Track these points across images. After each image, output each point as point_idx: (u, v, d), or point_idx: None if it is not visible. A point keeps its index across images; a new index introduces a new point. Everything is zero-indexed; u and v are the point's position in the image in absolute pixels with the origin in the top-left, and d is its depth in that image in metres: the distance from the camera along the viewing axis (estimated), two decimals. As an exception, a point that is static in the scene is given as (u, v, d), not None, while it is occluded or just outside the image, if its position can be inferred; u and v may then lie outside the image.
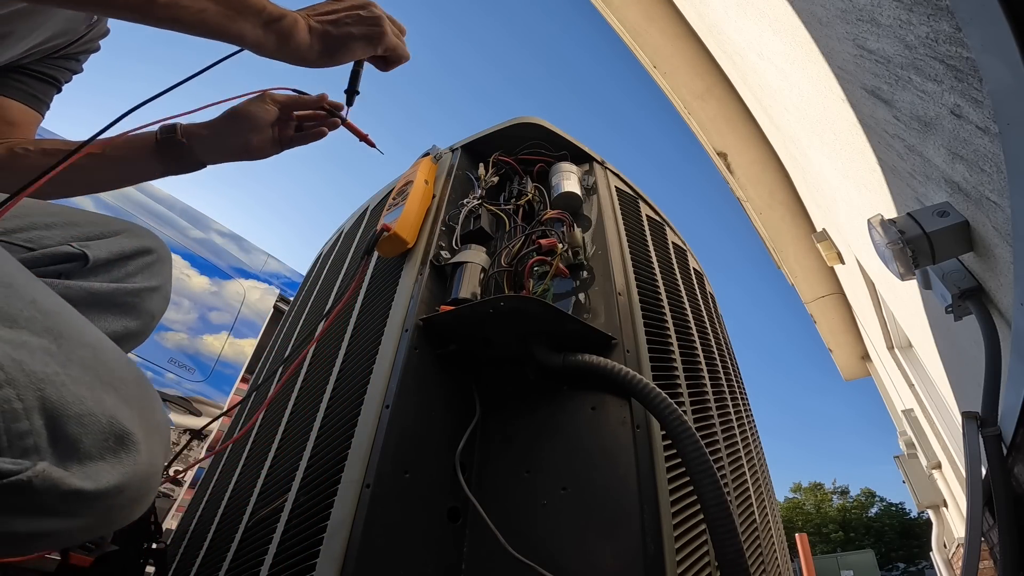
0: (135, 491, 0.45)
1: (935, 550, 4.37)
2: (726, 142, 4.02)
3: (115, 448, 0.43)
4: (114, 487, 0.42)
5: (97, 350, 0.47)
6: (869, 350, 4.97)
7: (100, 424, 0.43)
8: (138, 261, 0.84)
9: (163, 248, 0.89)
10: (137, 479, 0.45)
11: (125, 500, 0.44)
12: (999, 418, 1.00)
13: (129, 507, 0.46)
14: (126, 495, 0.44)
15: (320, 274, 1.38)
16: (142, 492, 0.46)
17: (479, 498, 0.67)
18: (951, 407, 2.66)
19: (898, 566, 28.34)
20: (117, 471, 0.43)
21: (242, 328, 3.38)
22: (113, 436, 0.43)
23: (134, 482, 0.44)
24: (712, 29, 3.16)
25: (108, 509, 0.43)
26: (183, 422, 2.84)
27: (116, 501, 0.43)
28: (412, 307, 0.82)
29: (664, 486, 0.67)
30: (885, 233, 1.06)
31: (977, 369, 1.08)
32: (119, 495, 0.43)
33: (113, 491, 0.42)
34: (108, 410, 0.44)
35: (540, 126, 1.24)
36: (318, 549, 0.60)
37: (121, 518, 0.46)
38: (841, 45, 1.29)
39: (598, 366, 0.73)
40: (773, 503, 1.31)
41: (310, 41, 0.71)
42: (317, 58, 0.72)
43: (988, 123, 0.77)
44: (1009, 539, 0.89)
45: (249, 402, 1.27)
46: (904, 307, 2.38)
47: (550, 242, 0.90)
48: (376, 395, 0.72)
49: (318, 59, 0.73)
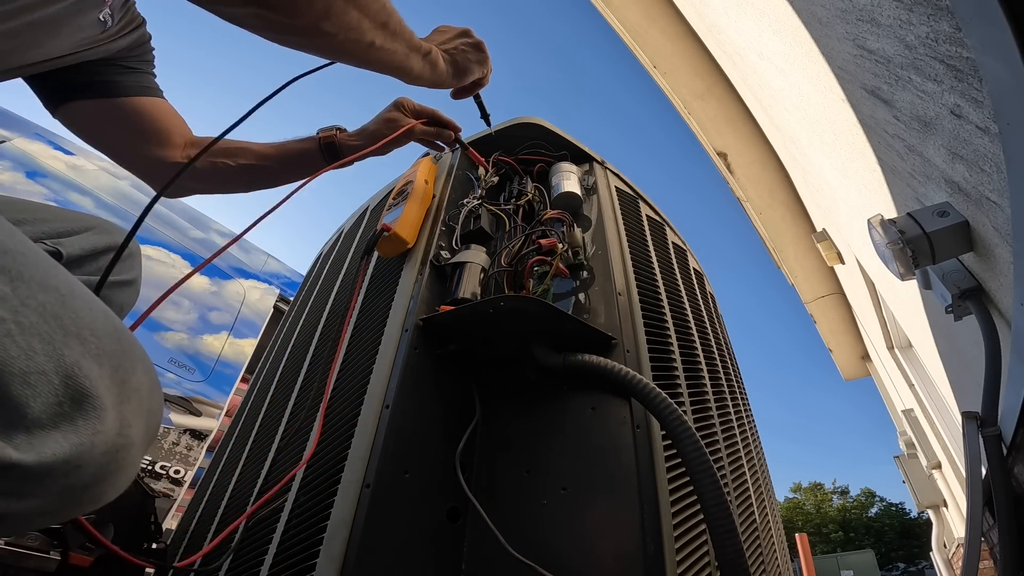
0: (98, 467, 0.38)
1: (935, 550, 4.37)
2: (726, 142, 4.02)
3: (70, 413, 0.36)
4: (63, 461, 0.35)
5: (66, 296, 0.40)
6: (869, 350, 4.97)
7: (52, 385, 0.36)
8: (110, 256, 0.85)
9: (133, 243, 0.90)
10: (99, 452, 0.37)
11: (87, 477, 0.37)
12: (999, 418, 1.00)
13: (95, 486, 0.39)
14: (86, 471, 0.37)
15: (320, 274, 1.38)
16: (109, 469, 0.39)
17: (479, 498, 0.67)
18: (951, 407, 2.66)
19: (898, 566, 28.35)
20: (69, 441, 0.35)
21: (242, 328, 3.37)
22: (69, 399, 0.36)
23: (94, 455, 0.37)
24: (712, 29, 3.16)
25: (66, 489, 0.36)
26: (183, 422, 2.84)
27: (74, 479, 0.36)
28: (412, 307, 0.82)
29: (664, 486, 0.67)
30: (885, 233, 1.06)
31: (977, 369, 1.08)
32: (75, 471, 0.36)
33: (62, 466, 0.35)
34: (66, 367, 0.37)
35: (540, 126, 1.24)
36: (318, 549, 0.60)
37: (88, 499, 0.39)
38: (841, 45, 1.29)
39: (598, 366, 0.73)
40: (773, 503, 1.31)
41: (446, 68, 0.84)
42: (450, 81, 0.87)
43: (988, 123, 0.77)
44: (1009, 539, 0.89)
45: (248, 402, 1.27)
46: (904, 307, 2.38)
47: (550, 242, 0.90)
48: (376, 395, 0.72)
49: (450, 82, 0.87)
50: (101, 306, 0.43)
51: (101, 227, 0.87)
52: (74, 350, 0.38)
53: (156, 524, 0.95)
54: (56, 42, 0.70)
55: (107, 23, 0.77)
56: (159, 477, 2.67)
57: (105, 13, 0.75)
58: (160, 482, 2.67)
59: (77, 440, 0.36)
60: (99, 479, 0.38)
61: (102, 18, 0.75)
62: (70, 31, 0.71)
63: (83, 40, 0.75)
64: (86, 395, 0.37)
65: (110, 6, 0.75)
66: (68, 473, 0.36)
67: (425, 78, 0.80)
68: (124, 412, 0.40)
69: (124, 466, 0.40)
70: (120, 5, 0.79)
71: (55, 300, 0.39)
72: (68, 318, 0.39)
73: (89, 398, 0.37)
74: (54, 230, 0.80)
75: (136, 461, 0.42)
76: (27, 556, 0.75)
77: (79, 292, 0.42)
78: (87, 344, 0.39)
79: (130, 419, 0.41)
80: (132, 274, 0.90)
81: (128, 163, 0.95)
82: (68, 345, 0.38)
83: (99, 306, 0.43)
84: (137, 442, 0.42)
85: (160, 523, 0.96)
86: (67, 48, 0.73)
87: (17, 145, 2.68)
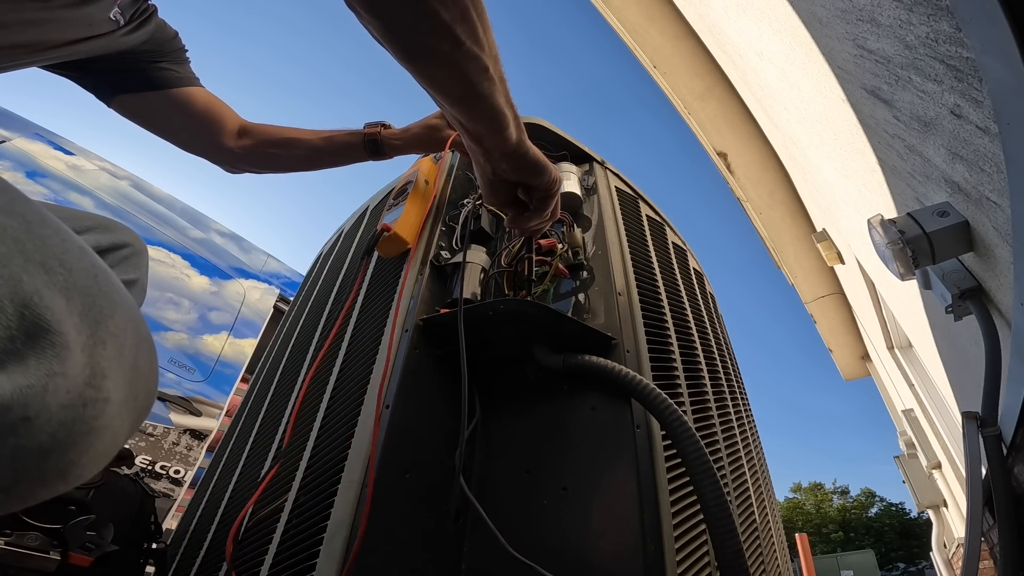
0: (58, 423, 0.29)
1: (935, 550, 4.37)
2: (726, 142, 4.02)
3: (20, 350, 0.29)
4: (2, 406, 0.27)
5: (33, 223, 0.34)
6: (869, 350, 4.97)
7: (4, 313, 0.29)
8: (115, 255, 0.86)
9: (139, 242, 0.93)
10: (56, 401, 0.29)
11: (43, 437, 0.29)
12: (999, 418, 1.00)
13: (59, 452, 0.30)
14: (40, 427, 0.28)
15: (320, 274, 1.38)
16: (75, 429, 0.30)
17: (479, 498, 0.67)
18: (951, 407, 2.66)
19: (898, 566, 28.36)
20: (12, 383, 0.28)
21: (242, 328, 3.37)
22: (23, 332, 0.29)
23: (49, 405, 0.29)
24: (712, 29, 3.16)
25: (18, 451, 0.28)
26: (183, 422, 2.84)
27: (26, 437, 0.28)
28: (412, 307, 0.82)
29: (664, 486, 0.67)
30: (885, 233, 1.06)
31: (977, 369, 1.08)
32: (25, 426, 0.28)
33: (1, 412, 0.27)
34: (24, 294, 0.30)
35: (540, 126, 1.24)
36: (318, 549, 0.60)
37: (53, 470, 0.30)
38: (841, 45, 1.29)
39: (598, 366, 0.73)
40: (773, 503, 1.31)
41: (532, 157, 0.69)
42: (517, 166, 0.69)
43: (988, 123, 0.77)
44: (1009, 539, 0.89)
45: (248, 402, 1.27)
46: (904, 307, 2.38)
47: (550, 242, 0.90)
48: (376, 395, 0.72)
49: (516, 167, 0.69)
50: (79, 242, 0.37)
51: (104, 226, 0.88)
52: (36, 278, 0.31)
53: (156, 524, 0.95)
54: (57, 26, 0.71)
55: (119, 21, 0.78)
56: (159, 477, 2.67)
57: (115, 12, 0.76)
58: (160, 482, 2.67)
59: (24, 382, 0.28)
60: (62, 442, 0.30)
61: (112, 17, 0.76)
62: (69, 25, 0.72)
63: (91, 31, 0.76)
64: (45, 330, 0.30)
65: (119, 4, 0.76)
66: (15, 428, 0.27)
67: (507, 142, 0.65)
68: (96, 358, 0.33)
69: (97, 429, 0.32)
70: (129, 3, 0.80)
71: (18, 225, 0.33)
72: (32, 244, 0.33)
73: (48, 334, 0.30)
74: None
75: (117, 425, 0.34)
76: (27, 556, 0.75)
77: (52, 223, 0.36)
78: (53, 274, 0.33)
79: (104, 368, 0.33)
80: (137, 273, 0.91)
81: (189, 149, 1.03)
82: (28, 272, 0.31)
83: (75, 241, 0.37)
84: (115, 399, 0.34)
85: (160, 523, 0.96)
86: (70, 36, 0.74)
87: (17, 145, 2.68)
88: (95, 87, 0.91)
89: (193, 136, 1.00)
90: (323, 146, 1.08)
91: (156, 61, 0.92)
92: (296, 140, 1.07)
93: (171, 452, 2.75)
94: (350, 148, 1.08)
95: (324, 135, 1.08)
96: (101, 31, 0.76)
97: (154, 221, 3.12)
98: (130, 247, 0.90)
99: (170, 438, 2.76)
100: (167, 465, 2.71)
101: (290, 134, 1.07)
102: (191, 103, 0.97)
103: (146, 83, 0.92)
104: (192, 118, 0.97)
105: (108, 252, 0.86)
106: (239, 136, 1.03)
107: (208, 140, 1.01)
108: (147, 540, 0.92)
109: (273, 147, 1.06)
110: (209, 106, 0.99)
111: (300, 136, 1.07)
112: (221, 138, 1.01)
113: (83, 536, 0.80)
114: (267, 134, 1.05)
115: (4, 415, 0.27)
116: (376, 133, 1.07)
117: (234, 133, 1.03)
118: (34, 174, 2.67)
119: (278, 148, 1.06)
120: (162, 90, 0.93)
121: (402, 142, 1.07)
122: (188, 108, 0.96)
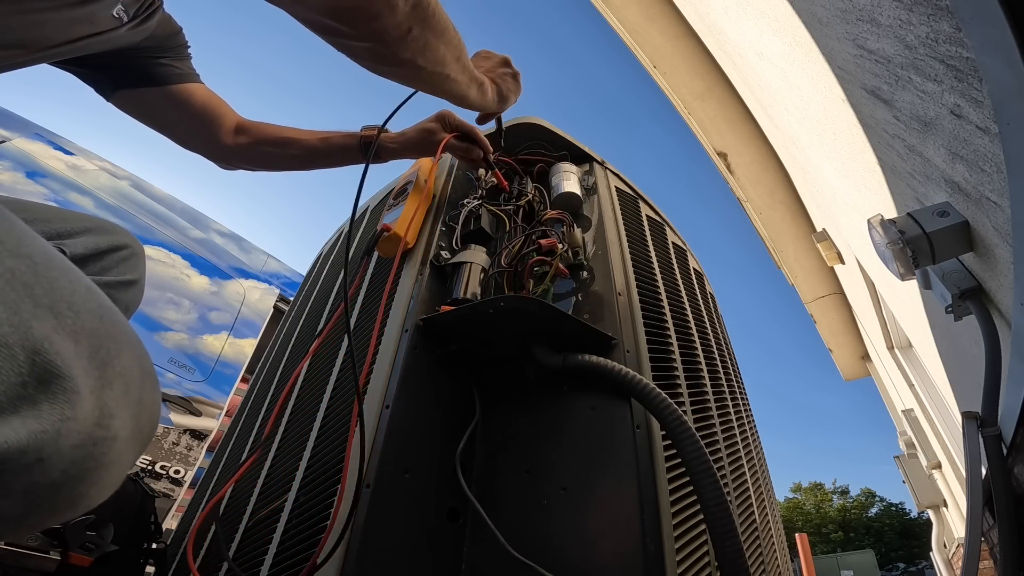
0: (69, 462, 0.31)
1: (935, 550, 4.37)
2: (726, 142, 4.02)
3: (33, 396, 0.30)
4: (18, 451, 0.29)
5: (40, 266, 0.35)
6: (869, 350, 4.97)
7: (15, 360, 0.30)
8: (113, 256, 0.87)
9: (136, 243, 0.94)
10: (68, 443, 0.31)
11: (55, 474, 0.31)
12: (999, 418, 1.00)
13: (70, 486, 0.32)
14: (53, 467, 0.30)
15: (320, 274, 1.38)
16: (85, 466, 0.32)
17: (479, 498, 0.67)
18: (951, 407, 2.66)
19: (898, 566, 28.34)
20: (27, 428, 0.29)
21: (242, 328, 3.37)
22: (35, 379, 0.31)
23: (62, 447, 0.31)
24: (712, 29, 3.16)
25: (31, 488, 0.30)
26: (183, 422, 2.84)
27: (39, 476, 0.30)
28: (412, 307, 0.82)
29: (664, 486, 0.67)
30: (885, 233, 1.06)
31: (977, 369, 1.08)
32: (39, 466, 0.30)
33: (18, 457, 0.29)
34: (34, 340, 0.31)
35: (540, 126, 1.24)
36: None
37: (64, 502, 0.32)
38: (841, 45, 1.29)
39: (598, 366, 0.73)
40: (773, 503, 1.31)
41: (492, 97, 0.89)
42: (493, 107, 0.91)
43: (988, 123, 0.77)
44: (1009, 539, 0.89)
45: (248, 403, 1.27)
46: (904, 307, 2.37)
47: (550, 242, 0.90)
48: (376, 395, 0.72)
49: (494, 108, 0.92)
50: (86, 281, 0.39)
51: (101, 227, 0.88)
52: (45, 323, 0.33)
53: (156, 524, 0.95)
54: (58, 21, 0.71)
55: (122, 19, 0.78)
56: (159, 477, 2.67)
57: (119, 9, 0.76)
58: (160, 482, 2.66)
59: (38, 427, 0.30)
60: (73, 478, 0.32)
61: (115, 14, 0.76)
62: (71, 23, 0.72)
63: (94, 27, 0.76)
64: (55, 375, 0.32)
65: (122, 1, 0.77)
66: (30, 468, 0.29)
67: (476, 104, 0.87)
68: (104, 399, 0.34)
69: (105, 464, 0.34)
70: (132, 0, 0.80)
71: (26, 267, 0.34)
72: (41, 288, 0.34)
73: (59, 379, 0.32)
74: (56, 230, 0.81)
75: (123, 459, 0.36)
76: (27, 556, 0.76)
77: (59, 263, 0.37)
78: (62, 318, 0.34)
79: (112, 408, 0.35)
80: (136, 274, 0.91)
81: (186, 145, 1.04)
82: (38, 317, 0.32)
83: (82, 281, 0.38)
84: (122, 436, 0.35)
85: (160, 523, 0.96)
86: (73, 34, 0.74)
87: (17, 145, 2.68)
88: (95, 82, 0.91)
89: (191, 132, 1.01)
90: (319, 147, 1.08)
91: (157, 57, 0.92)
92: (292, 140, 1.07)
93: (171, 452, 2.75)
94: (346, 150, 1.08)
95: (321, 136, 1.09)
96: (103, 28, 0.76)
97: (154, 221, 3.12)
98: (129, 248, 0.91)
99: (170, 438, 2.76)
100: (167, 465, 2.71)
101: (287, 134, 1.07)
102: (190, 99, 0.97)
103: (147, 79, 0.92)
104: (190, 114, 0.98)
105: (108, 253, 0.86)
106: (236, 133, 1.04)
107: (205, 136, 1.01)
108: (147, 540, 0.92)
109: (269, 146, 1.06)
110: (208, 103, 1.00)
111: (297, 136, 1.08)
112: (218, 135, 1.01)
113: (83, 536, 0.80)
114: (264, 133, 1.06)
115: (20, 458, 0.29)
116: (372, 136, 1.08)
117: (231, 130, 1.03)
118: (34, 174, 2.67)
119: (274, 147, 1.07)
120: (162, 86, 0.93)
121: (398, 146, 1.07)
122: (187, 104, 0.97)
